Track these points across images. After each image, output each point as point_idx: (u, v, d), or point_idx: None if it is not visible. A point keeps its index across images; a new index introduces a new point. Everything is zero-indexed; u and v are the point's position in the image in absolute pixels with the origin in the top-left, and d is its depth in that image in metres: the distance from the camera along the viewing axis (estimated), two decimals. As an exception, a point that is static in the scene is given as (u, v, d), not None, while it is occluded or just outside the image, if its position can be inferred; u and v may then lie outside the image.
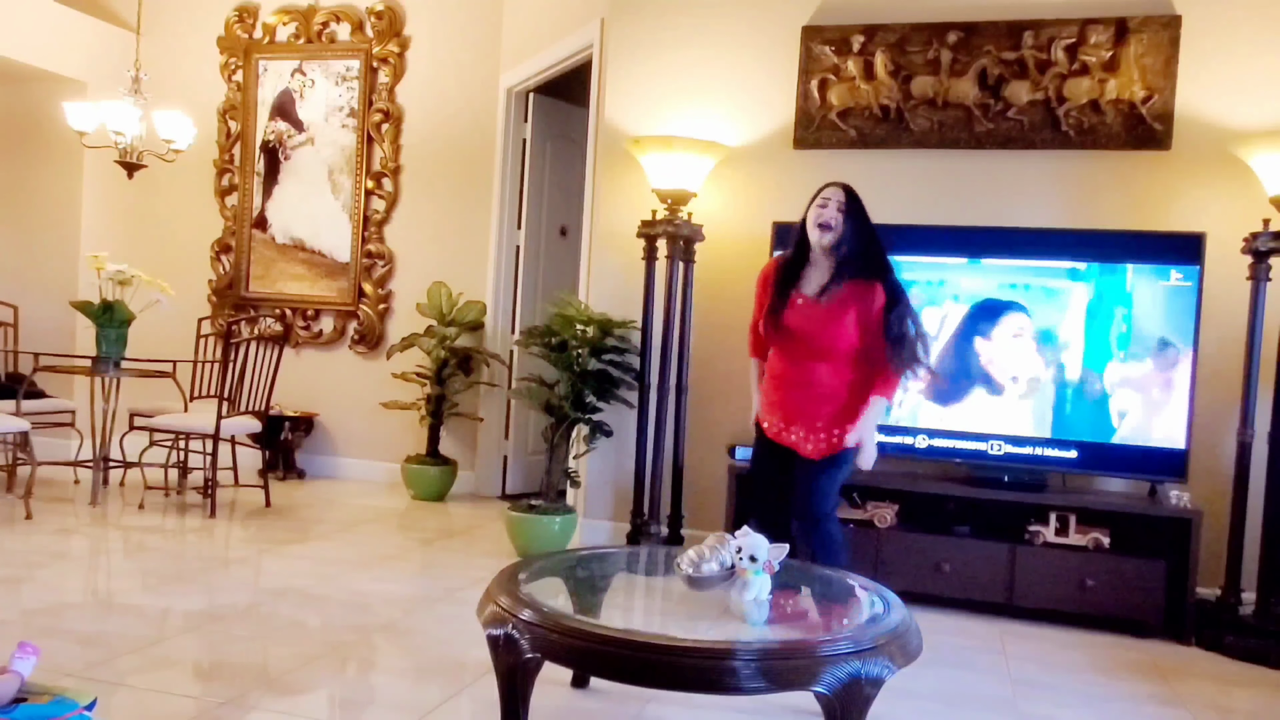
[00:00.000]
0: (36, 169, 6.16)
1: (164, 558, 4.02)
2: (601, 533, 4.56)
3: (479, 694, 2.72)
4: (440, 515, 5.20)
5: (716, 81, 4.47)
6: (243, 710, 2.52)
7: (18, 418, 4.66)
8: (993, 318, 3.91)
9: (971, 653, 3.39)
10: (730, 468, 4.10)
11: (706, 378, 4.47)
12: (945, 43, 4.14)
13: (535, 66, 5.38)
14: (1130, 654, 3.49)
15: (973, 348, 3.93)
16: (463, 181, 5.84)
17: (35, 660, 2.22)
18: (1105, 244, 3.84)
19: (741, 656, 1.95)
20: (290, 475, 5.91)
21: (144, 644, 2.96)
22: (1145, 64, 3.95)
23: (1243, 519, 3.60)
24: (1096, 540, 3.73)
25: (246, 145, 6.21)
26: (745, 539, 2.33)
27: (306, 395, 6.06)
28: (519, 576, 2.37)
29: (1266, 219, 3.55)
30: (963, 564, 3.81)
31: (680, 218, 4.26)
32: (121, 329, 5.05)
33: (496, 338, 5.73)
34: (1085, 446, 3.81)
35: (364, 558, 4.19)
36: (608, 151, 4.60)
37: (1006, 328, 3.90)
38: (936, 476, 4.03)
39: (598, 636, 2.03)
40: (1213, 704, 3.03)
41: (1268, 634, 3.47)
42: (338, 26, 6.03)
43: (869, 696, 2.04)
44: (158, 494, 5.18)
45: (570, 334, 4.26)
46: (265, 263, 6.20)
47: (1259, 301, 3.60)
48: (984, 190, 4.16)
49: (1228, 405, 3.77)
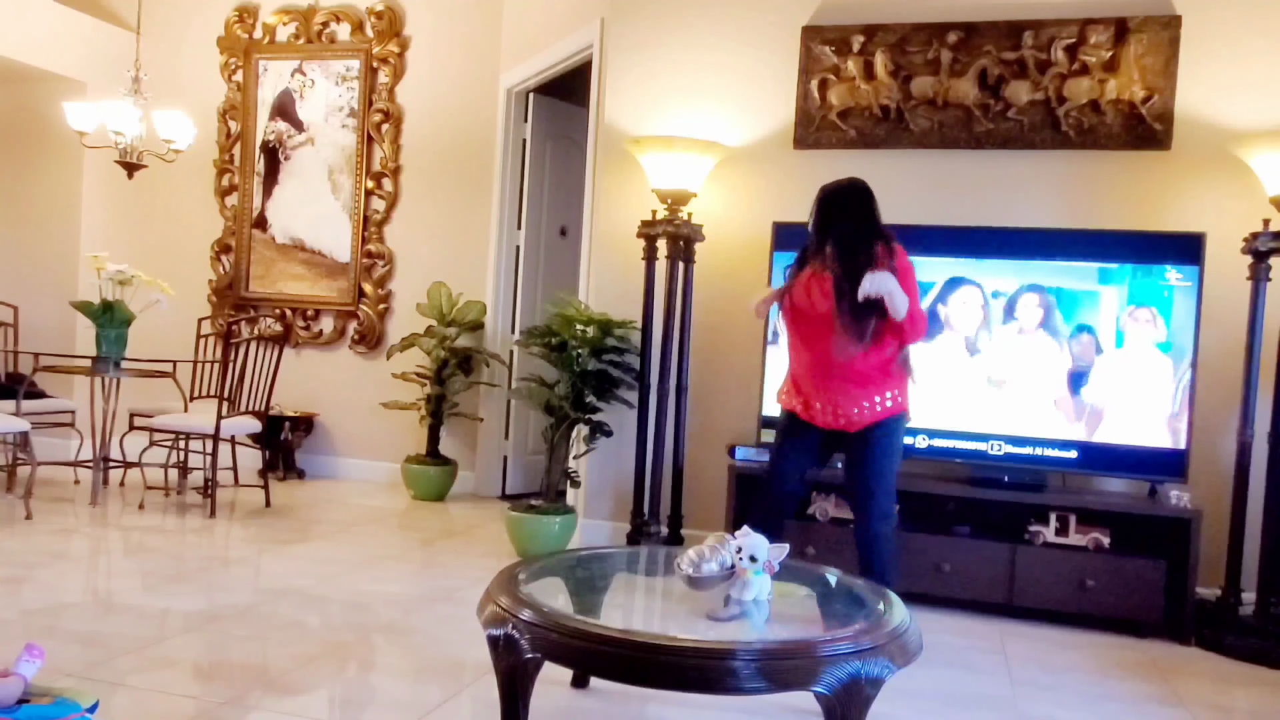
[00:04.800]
0: (36, 169, 6.16)
1: (164, 558, 4.02)
2: (601, 533, 4.56)
3: (479, 694, 2.73)
4: (440, 515, 5.20)
5: (716, 81, 4.47)
6: (243, 710, 2.52)
7: (18, 418, 4.66)
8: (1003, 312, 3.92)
9: (971, 653, 3.39)
10: (730, 468, 4.10)
11: (706, 378, 4.47)
12: (945, 43, 4.14)
13: (535, 67, 5.38)
14: (1130, 654, 3.49)
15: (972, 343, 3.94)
16: (463, 182, 5.84)
17: (40, 664, 2.22)
18: (1105, 244, 3.84)
19: (741, 656, 1.95)
20: (290, 475, 5.91)
21: (144, 644, 2.96)
22: (1145, 64, 3.95)
23: (1243, 519, 3.60)
24: (1096, 540, 3.73)
25: (246, 145, 6.21)
26: (745, 539, 2.33)
27: (306, 395, 6.06)
28: (519, 576, 2.37)
29: (1266, 219, 3.55)
30: (963, 564, 3.81)
31: (680, 218, 4.26)
32: (121, 329, 5.05)
33: (496, 338, 5.73)
34: (1085, 446, 3.81)
35: (364, 558, 4.19)
36: (608, 151, 4.60)
37: (1006, 326, 3.90)
38: (936, 476, 4.03)
39: (598, 636, 2.03)
40: (1213, 704, 3.03)
41: (1268, 634, 3.47)
42: (338, 26, 6.03)
43: (869, 696, 2.04)
44: (158, 494, 5.18)
45: (570, 334, 4.26)
46: (265, 263, 6.20)
47: (1259, 301, 3.60)
48: (984, 190, 4.16)
49: (1228, 405, 3.77)
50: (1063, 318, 3.84)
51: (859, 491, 3.22)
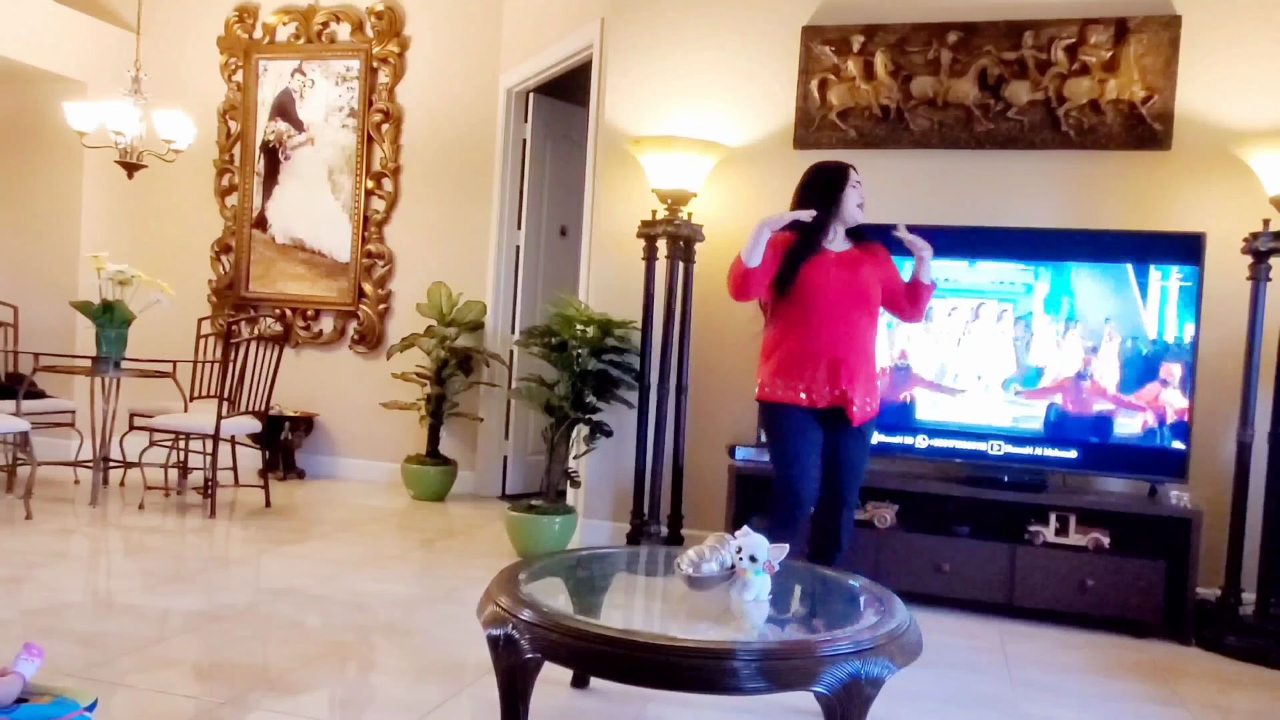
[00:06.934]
0: (36, 169, 6.16)
1: (164, 558, 4.02)
2: (601, 533, 4.56)
3: (479, 694, 2.72)
4: (440, 515, 5.20)
5: (717, 81, 4.47)
6: (243, 710, 2.52)
7: (18, 418, 4.66)
8: (991, 316, 3.92)
9: (971, 653, 3.39)
10: (730, 468, 4.10)
11: (706, 378, 4.47)
12: (945, 43, 4.14)
13: (535, 66, 5.38)
14: (1130, 654, 3.49)
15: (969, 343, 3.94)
16: (463, 181, 5.84)
17: (39, 663, 2.22)
18: (1105, 244, 3.84)
19: (741, 657, 1.95)
20: (290, 475, 5.91)
21: (144, 644, 2.96)
22: (1145, 64, 3.95)
23: (1243, 519, 3.60)
24: (1096, 540, 3.73)
25: (246, 145, 6.21)
26: (745, 539, 2.32)
27: (306, 395, 6.06)
28: (519, 576, 2.37)
29: (1266, 219, 3.55)
30: (963, 564, 3.81)
31: (680, 218, 4.26)
32: (121, 329, 5.05)
33: (496, 338, 5.73)
34: (1085, 446, 3.81)
35: (364, 558, 4.19)
36: (608, 151, 4.60)
37: (1004, 324, 3.91)
38: (936, 476, 4.03)
39: (598, 637, 2.03)
40: (1213, 704, 3.03)
41: (1268, 634, 3.47)
42: (338, 26, 6.03)
43: (869, 696, 2.04)
44: (158, 494, 5.18)
45: (570, 334, 4.26)
46: (265, 263, 6.20)
47: (1259, 301, 3.60)
48: (984, 190, 4.16)
49: (1228, 405, 3.77)
50: (1062, 318, 3.84)
51: (847, 485, 3.27)
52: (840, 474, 3.25)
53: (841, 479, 3.26)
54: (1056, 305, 3.85)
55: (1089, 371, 3.81)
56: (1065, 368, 3.84)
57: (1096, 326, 3.81)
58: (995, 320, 3.92)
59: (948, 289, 3.94)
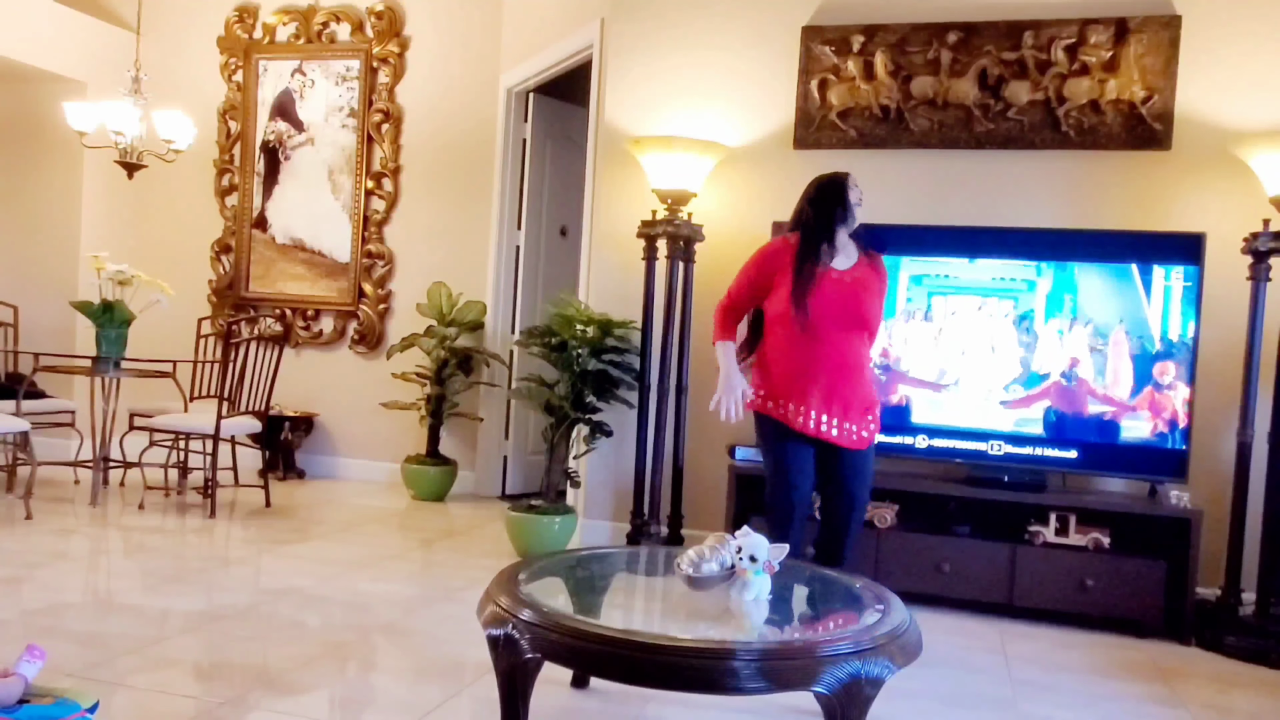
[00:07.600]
0: (36, 169, 6.16)
1: (164, 558, 4.02)
2: (601, 533, 4.56)
3: (479, 694, 2.73)
4: (440, 515, 5.20)
5: (716, 81, 4.47)
6: (243, 710, 2.52)
7: (18, 418, 4.66)
8: (992, 316, 3.92)
9: (971, 653, 3.39)
10: (730, 468, 4.10)
11: (706, 378, 4.45)
12: (945, 43, 4.14)
13: (535, 66, 5.38)
14: (1130, 654, 3.49)
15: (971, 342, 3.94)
16: (463, 181, 5.84)
17: (41, 664, 2.22)
18: (1105, 244, 3.84)
19: (741, 657, 1.95)
20: (290, 475, 5.91)
21: (144, 644, 2.96)
22: (1145, 64, 3.95)
23: (1243, 519, 3.60)
24: (1096, 540, 3.73)
25: (246, 145, 6.21)
26: (745, 539, 2.33)
27: (306, 395, 6.06)
28: (519, 577, 2.37)
29: (1266, 219, 3.55)
30: (963, 564, 3.81)
31: (680, 218, 4.26)
32: (121, 329, 5.05)
33: (496, 338, 5.73)
34: (1085, 446, 3.81)
35: (364, 558, 4.19)
36: (608, 151, 4.60)
37: (1005, 325, 3.91)
38: (936, 476, 4.03)
39: (598, 637, 2.03)
40: (1213, 704, 3.03)
41: (1268, 634, 3.47)
42: (338, 26, 6.03)
43: (869, 696, 2.04)
44: (158, 494, 5.18)
45: (570, 334, 4.26)
46: (265, 263, 6.20)
47: (1259, 301, 3.60)
48: (984, 190, 4.16)
49: (1228, 405, 3.77)
50: (1063, 318, 3.84)
51: (855, 500, 3.20)
52: (837, 501, 3.20)
53: (838, 504, 3.20)
54: (1057, 306, 3.85)
55: (1089, 372, 3.81)
56: (1065, 368, 3.84)
57: (1096, 327, 3.81)
58: (995, 321, 3.91)
59: (948, 289, 3.95)
